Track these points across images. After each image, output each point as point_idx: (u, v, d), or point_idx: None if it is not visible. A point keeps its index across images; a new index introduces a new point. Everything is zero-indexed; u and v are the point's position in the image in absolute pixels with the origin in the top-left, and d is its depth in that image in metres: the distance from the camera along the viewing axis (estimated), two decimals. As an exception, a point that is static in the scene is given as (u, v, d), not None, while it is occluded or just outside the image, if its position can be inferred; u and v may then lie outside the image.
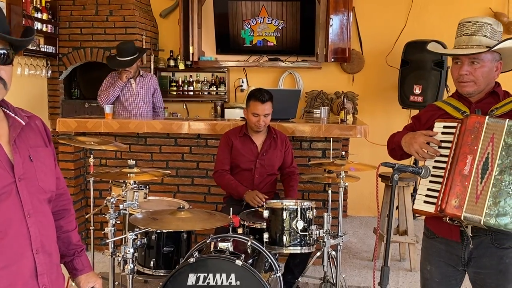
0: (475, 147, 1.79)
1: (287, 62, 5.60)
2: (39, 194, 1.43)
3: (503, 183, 1.75)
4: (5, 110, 1.43)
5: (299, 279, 3.22)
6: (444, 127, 1.93)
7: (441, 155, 1.90)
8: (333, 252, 3.17)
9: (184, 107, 5.81)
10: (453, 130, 1.89)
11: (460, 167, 1.80)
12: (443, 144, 1.91)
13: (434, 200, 1.89)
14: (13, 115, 1.42)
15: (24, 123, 1.43)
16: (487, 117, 1.80)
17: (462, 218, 1.79)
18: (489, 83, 1.95)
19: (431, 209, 1.90)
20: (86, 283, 1.69)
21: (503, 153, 1.76)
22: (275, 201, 2.84)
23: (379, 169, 1.89)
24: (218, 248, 2.49)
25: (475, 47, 1.88)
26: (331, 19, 5.30)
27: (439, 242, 2.04)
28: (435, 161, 1.92)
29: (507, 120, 1.78)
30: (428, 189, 1.93)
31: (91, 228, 3.32)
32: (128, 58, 4.41)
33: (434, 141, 1.92)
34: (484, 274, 1.94)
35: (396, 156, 2.15)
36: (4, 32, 1.27)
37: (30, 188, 1.40)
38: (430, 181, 1.93)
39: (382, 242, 4.18)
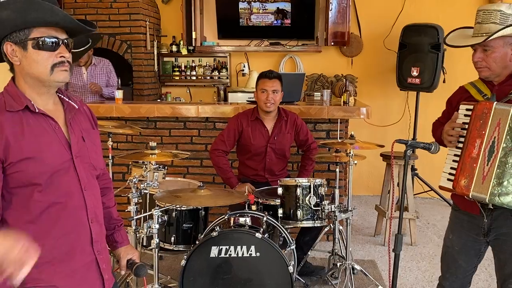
0: (483, 132, 1.94)
1: (287, 46, 5.73)
2: (91, 171, 1.59)
3: (507, 165, 1.90)
4: (60, 95, 1.58)
5: (307, 254, 3.41)
6: (467, 109, 2.06)
7: (462, 136, 2.04)
8: (340, 227, 3.37)
9: (188, 91, 5.93)
10: (470, 113, 2.03)
11: (470, 150, 1.96)
12: (466, 126, 2.04)
13: (453, 178, 2.06)
14: (67, 99, 1.57)
15: (77, 107, 1.58)
16: (495, 103, 1.92)
17: (470, 196, 1.96)
18: (506, 67, 2.03)
19: (450, 185, 2.07)
20: (125, 254, 1.83)
21: (508, 137, 1.90)
22: (288, 179, 3.01)
23: (393, 146, 2.05)
24: (238, 222, 2.66)
25: (484, 35, 1.99)
26: (330, 3, 5.42)
27: (463, 214, 2.20)
28: (458, 141, 2.07)
29: None
30: (451, 168, 2.09)
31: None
32: (79, 50, 4.35)
33: (457, 125, 2.06)
34: (502, 241, 2.10)
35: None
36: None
37: (84, 164, 1.56)
38: (453, 160, 2.08)
39: (383, 218, 4.39)
